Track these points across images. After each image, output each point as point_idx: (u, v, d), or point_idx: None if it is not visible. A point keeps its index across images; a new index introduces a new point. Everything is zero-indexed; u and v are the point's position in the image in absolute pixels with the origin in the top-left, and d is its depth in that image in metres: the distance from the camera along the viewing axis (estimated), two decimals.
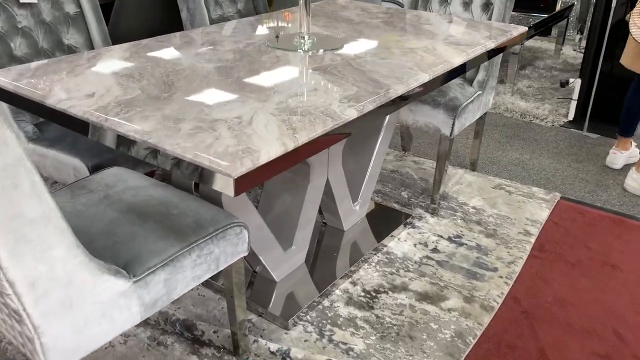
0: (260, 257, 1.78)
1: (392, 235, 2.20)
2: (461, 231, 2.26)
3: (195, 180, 1.08)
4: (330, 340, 1.68)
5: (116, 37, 2.22)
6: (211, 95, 1.35)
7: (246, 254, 1.45)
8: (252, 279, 1.91)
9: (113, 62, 1.60)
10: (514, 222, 2.33)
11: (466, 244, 2.17)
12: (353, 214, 2.21)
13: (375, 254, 2.09)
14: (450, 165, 2.81)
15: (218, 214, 1.40)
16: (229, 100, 1.33)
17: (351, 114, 1.28)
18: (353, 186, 2.23)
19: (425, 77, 1.55)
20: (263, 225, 1.73)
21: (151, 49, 1.75)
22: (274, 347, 1.64)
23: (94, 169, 1.71)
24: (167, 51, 1.72)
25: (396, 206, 2.43)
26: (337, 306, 1.83)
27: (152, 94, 1.36)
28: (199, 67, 1.57)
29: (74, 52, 2.05)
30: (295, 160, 1.14)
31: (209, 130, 1.16)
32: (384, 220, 2.28)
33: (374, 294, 1.89)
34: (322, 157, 1.86)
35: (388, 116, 2.14)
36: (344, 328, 1.73)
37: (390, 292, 1.90)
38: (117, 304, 1.17)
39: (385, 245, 2.15)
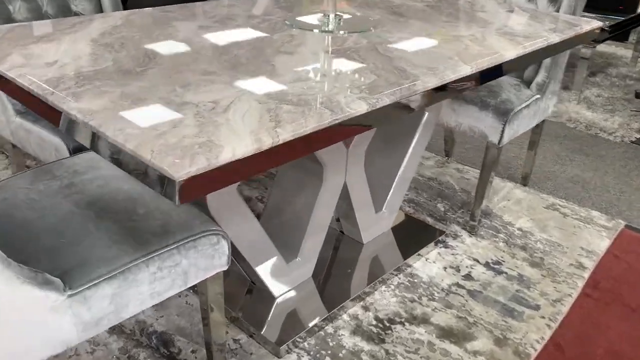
0: (255, 269, 1.53)
1: (419, 254, 1.90)
2: (502, 257, 1.94)
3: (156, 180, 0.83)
4: None
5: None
6: (194, 74, 1.11)
7: (225, 268, 1.20)
8: (250, 288, 1.66)
9: (99, 29, 1.38)
10: (566, 251, 1.98)
11: (506, 273, 1.85)
12: (375, 224, 1.93)
13: (396, 275, 1.81)
14: (498, 177, 2.48)
15: (193, 218, 1.15)
16: (212, 80, 1.08)
17: (360, 107, 1.01)
18: (378, 192, 1.94)
19: (465, 70, 1.25)
20: (260, 231, 1.48)
21: (152, 17, 1.52)
22: None
23: (75, 151, 1.50)
24: (167, 22, 1.49)
25: (429, 220, 2.12)
26: (342, 334, 1.56)
27: (124, 67, 1.12)
28: (194, 41, 1.33)
29: None
30: (272, 162, 0.88)
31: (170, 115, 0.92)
32: (412, 236, 1.98)
33: (387, 324, 1.60)
34: (338, 156, 1.59)
35: (427, 114, 1.84)
36: None
37: (407, 324, 1.61)
38: (44, 321, 0.94)
39: (410, 266, 1.86)
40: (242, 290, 1.66)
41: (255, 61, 1.20)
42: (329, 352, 1.49)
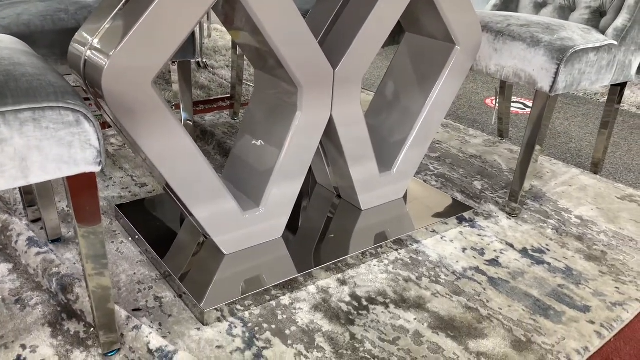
0: (191, 211, 1.17)
1: (433, 231, 1.46)
2: (547, 244, 1.45)
3: None
4: (257, 357, 1.02)
5: None
6: None
7: (96, 168, 0.85)
8: (201, 244, 1.30)
9: None
10: None
11: (548, 263, 1.37)
12: (380, 189, 1.51)
13: (395, 250, 1.38)
14: (561, 162, 1.97)
15: (50, 87, 0.81)
16: None
17: None
18: (386, 149, 1.53)
19: None
20: (194, 151, 1.12)
21: None
22: (156, 343, 1.02)
23: None
24: None
25: (458, 197, 1.67)
26: (300, 308, 1.15)
27: None
28: None
29: None
30: None
31: None
32: (430, 209, 1.54)
33: (364, 304, 1.18)
34: (320, 76, 1.21)
35: (457, 49, 1.42)
36: (289, 342, 1.06)
37: (392, 306, 1.18)
38: None
39: (417, 242, 1.42)
40: (189, 245, 1.30)
41: None
42: (273, 326, 1.09)
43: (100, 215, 0.91)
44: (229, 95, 2.41)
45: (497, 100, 2.10)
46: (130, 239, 1.36)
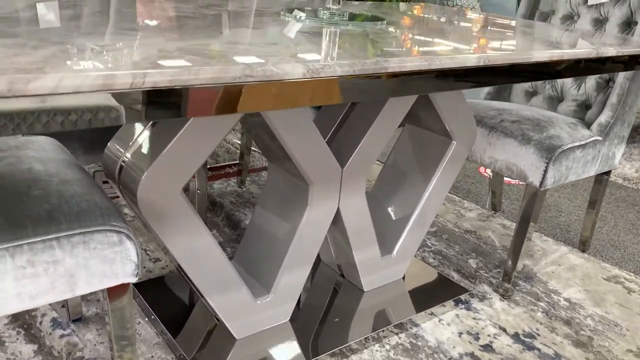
0: (208, 300, 1.26)
1: (431, 313, 1.56)
2: (537, 329, 1.54)
3: None
4: None
5: None
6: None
7: (133, 280, 0.95)
8: (213, 327, 1.39)
9: None
10: (625, 333, 1.56)
11: (539, 349, 1.46)
12: (381, 271, 1.61)
13: (396, 334, 1.47)
14: (552, 239, 2.08)
15: (96, 210, 0.92)
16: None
17: (293, 69, 0.75)
18: (388, 233, 1.64)
19: (465, 60, 0.96)
20: (215, 250, 1.22)
21: None
22: None
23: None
24: None
25: (455, 276, 1.77)
26: None
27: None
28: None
29: None
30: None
31: None
32: (428, 291, 1.64)
33: None
34: (330, 174, 1.32)
35: (454, 144, 1.54)
36: None
37: None
38: None
39: (417, 325, 1.51)
40: (202, 327, 1.39)
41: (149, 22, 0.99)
42: None
43: (132, 309, 1.00)
44: (236, 162, 2.53)
45: (491, 173, 2.22)
46: (146, 319, 1.45)
